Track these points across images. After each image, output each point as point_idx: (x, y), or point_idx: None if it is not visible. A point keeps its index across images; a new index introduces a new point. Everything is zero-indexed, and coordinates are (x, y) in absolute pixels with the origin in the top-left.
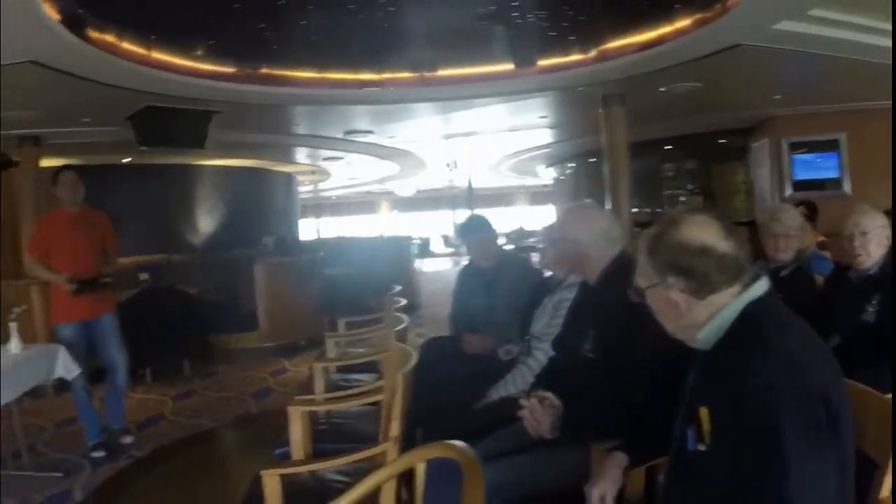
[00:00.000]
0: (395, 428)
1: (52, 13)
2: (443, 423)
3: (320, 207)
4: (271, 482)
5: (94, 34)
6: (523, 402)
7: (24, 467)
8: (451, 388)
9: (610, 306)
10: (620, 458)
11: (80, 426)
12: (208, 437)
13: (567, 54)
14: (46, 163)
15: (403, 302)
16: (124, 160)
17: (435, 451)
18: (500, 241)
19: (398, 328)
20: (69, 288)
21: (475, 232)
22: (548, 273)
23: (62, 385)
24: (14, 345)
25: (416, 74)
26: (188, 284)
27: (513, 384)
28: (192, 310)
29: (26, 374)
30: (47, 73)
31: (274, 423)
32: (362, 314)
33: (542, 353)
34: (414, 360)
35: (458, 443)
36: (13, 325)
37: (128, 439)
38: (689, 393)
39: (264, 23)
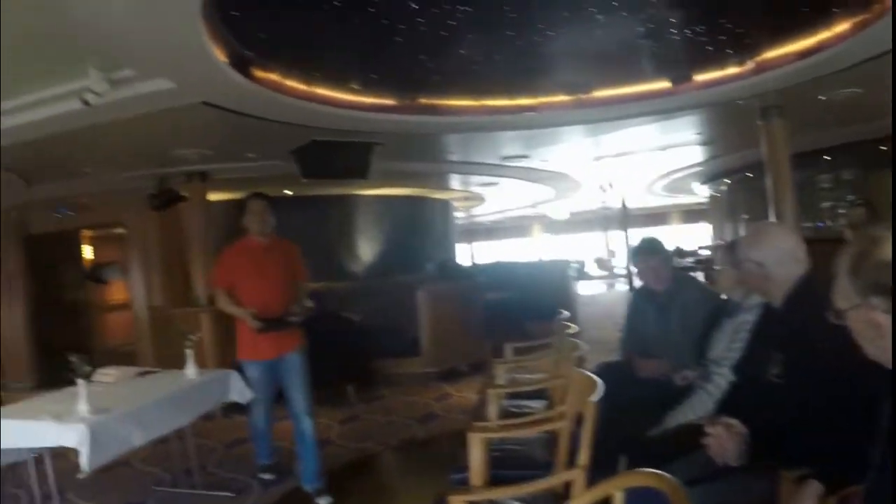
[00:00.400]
0: (584, 456)
1: (221, 56)
2: (617, 450)
3: (473, 232)
4: None
5: (259, 74)
6: (709, 428)
7: (196, 486)
8: (625, 415)
9: (799, 328)
10: (815, 488)
11: (248, 447)
12: (376, 460)
13: (723, 68)
14: (213, 197)
15: (575, 328)
16: (286, 192)
17: (636, 479)
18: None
19: (578, 354)
20: (254, 325)
21: (648, 255)
22: (724, 295)
23: (230, 407)
24: (191, 370)
25: (572, 97)
26: (352, 311)
27: (691, 410)
28: (356, 336)
29: (202, 398)
30: (216, 112)
31: (442, 447)
32: (523, 339)
33: (721, 378)
34: (601, 387)
35: (661, 472)
36: (190, 352)
37: (323, 501)
38: (891, 417)
39: (425, 54)
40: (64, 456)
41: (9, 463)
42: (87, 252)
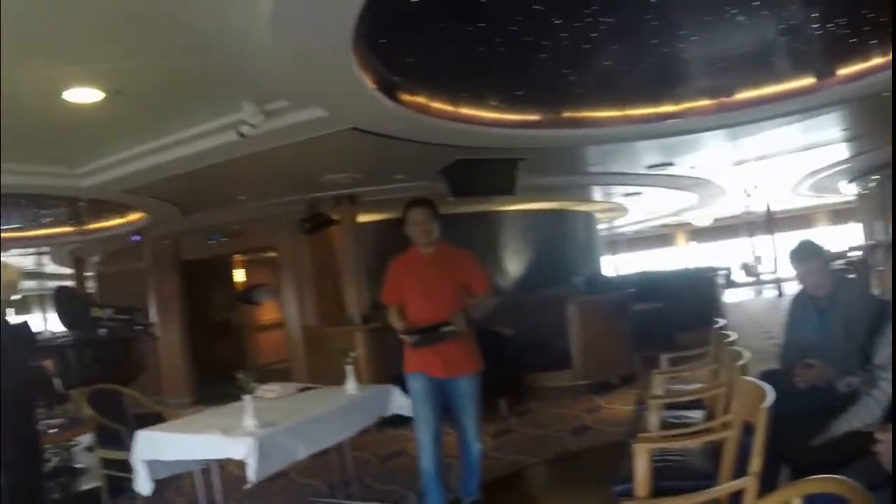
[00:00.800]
0: (756, 464)
1: (369, 83)
2: (780, 459)
3: (615, 243)
4: None
5: (406, 97)
6: (879, 435)
7: (353, 496)
8: (788, 423)
9: None
10: None
11: (402, 460)
12: (531, 473)
13: (867, 59)
14: (363, 219)
15: (734, 336)
16: None
17: (816, 485)
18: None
19: (741, 363)
20: (408, 340)
21: (806, 258)
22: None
23: (384, 422)
24: (350, 386)
25: (714, 101)
26: (502, 325)
27: (858, 417)
28: (507, 349)
29: (363, 413)
30: (366, 137)
31: (595, 460)
32: (673, 350)
33: (888, 384)
34: (771, 395)
35: (842, 477)
36: (349, 368)
37: None
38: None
39: (568, 68)
40: (224, 467)
41: (173, 474)
42: (239, 275)
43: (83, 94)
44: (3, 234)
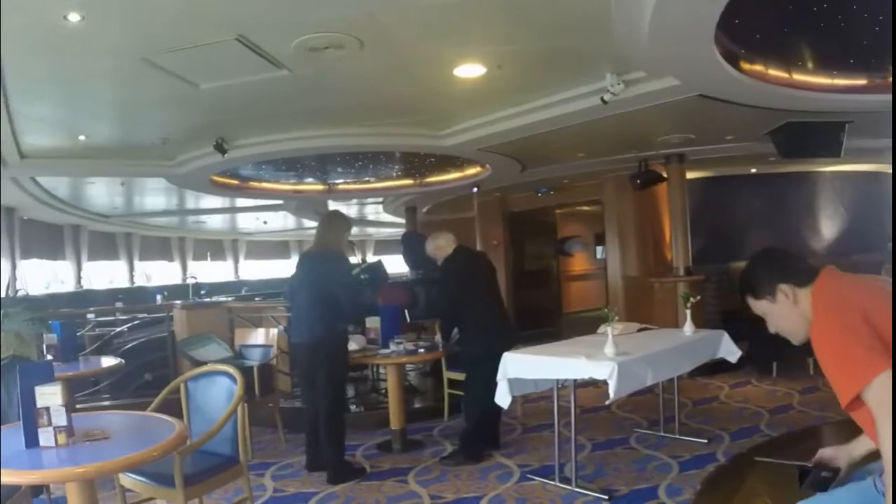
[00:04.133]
0: None
1: (718, 54)
2: None
3: None
4: None
5: (745, 66)
6: None
7: (673, 431)
8: None
9: None
10: None
11: (713, 407)
12: (833, 427)
13: None
14: (690, 175)
15: None
16: (752, 170)
17: None
18: None
19: None
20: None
21: None
22: None
23: (695, 370)
24: (688, 328)
25: None
26: None
27: None
28: None
29: (698, 352)
30: (709, 102)
31: None
32: None
33: None
34: None
35: None
36: (688, 312)
37: None
38: None
39: None
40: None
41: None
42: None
43: (471, 70)
44: (355, 186)
